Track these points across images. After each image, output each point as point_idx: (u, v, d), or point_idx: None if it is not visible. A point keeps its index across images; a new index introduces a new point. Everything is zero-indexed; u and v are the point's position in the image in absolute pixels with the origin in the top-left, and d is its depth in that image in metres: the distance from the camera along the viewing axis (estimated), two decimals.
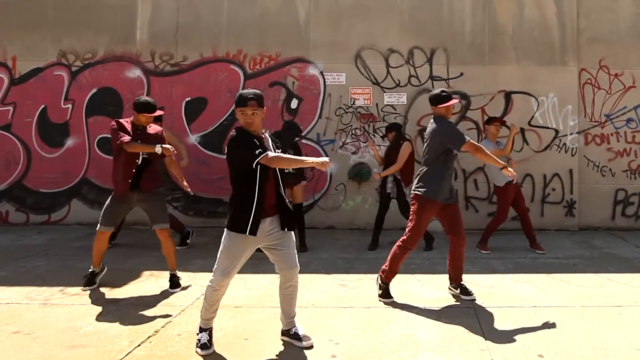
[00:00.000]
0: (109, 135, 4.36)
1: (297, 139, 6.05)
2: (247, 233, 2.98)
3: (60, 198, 7.13)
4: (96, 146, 7.09)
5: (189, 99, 7.12)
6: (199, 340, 3.16)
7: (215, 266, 3.13)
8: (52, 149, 7.13)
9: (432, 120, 4.10)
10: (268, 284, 4.49)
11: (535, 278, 4.70)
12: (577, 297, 4.18)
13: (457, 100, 4.33)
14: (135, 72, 7.15)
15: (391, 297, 4.07)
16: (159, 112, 4.41)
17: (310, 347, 3.21)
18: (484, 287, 4.46)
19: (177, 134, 6.91)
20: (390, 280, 4.11)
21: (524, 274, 4.85)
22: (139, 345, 3.24)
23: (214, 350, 3.14)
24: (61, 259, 5.33)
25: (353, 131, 7.12)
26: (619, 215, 7.12)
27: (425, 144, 4.07)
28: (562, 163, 7.06)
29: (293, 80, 7.13)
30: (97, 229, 4.32)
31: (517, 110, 7.08)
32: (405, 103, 7.07)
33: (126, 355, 3.10)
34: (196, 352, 3.12)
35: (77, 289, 4.31)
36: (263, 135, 3.15)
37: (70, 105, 7.14)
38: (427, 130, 4.09)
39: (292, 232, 3.25)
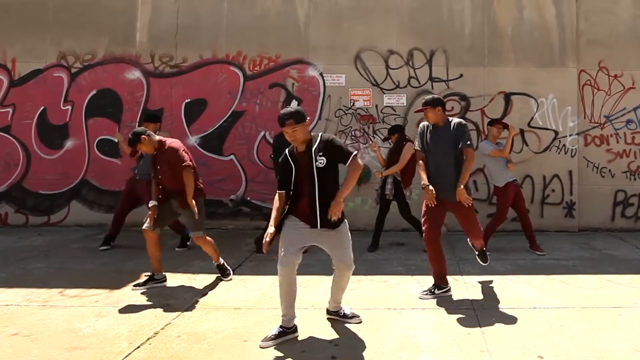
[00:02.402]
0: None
1: None
2: None
3: (60, 199, 7.13)
4: (96, 148, 7.07)
5: (189, 100, 7.12)
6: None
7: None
8: (51, 150, 7.13)
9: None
10: (267, 285, 4.48)
11: (535, 279, 4.69)
12: (576, 298, 4.18)
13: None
14: (135, 74, 7.15)
15: None
16: None
17: (359, 322, 3.62)
18: (484, 288, 4.46)
19: (177, 135, 6.89)
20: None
21: (523, 275, 4.84)
22: (139, 347, 3.24)
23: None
24: (60, 261, 5.33)
25: (353, 132, 7.11)
26: (618, 217, 7.11)
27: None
28: (561, 164, 7.06)
29: (293, 82, 7.13)
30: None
31: (516, 111, 7.08)
32: (405, 104, 7.07)
33: (125, 357, 3.09)
34: None
35: (77, 291, 4.31)
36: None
37: (69, 107, 7.13)
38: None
39: None
